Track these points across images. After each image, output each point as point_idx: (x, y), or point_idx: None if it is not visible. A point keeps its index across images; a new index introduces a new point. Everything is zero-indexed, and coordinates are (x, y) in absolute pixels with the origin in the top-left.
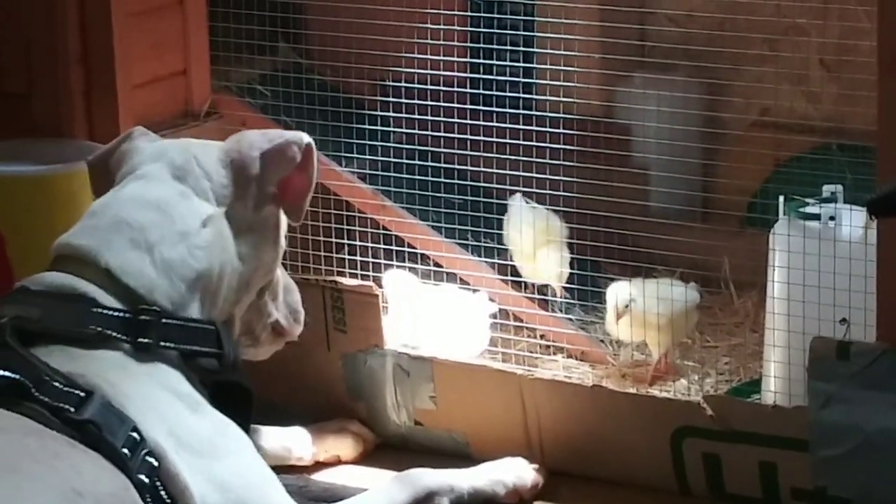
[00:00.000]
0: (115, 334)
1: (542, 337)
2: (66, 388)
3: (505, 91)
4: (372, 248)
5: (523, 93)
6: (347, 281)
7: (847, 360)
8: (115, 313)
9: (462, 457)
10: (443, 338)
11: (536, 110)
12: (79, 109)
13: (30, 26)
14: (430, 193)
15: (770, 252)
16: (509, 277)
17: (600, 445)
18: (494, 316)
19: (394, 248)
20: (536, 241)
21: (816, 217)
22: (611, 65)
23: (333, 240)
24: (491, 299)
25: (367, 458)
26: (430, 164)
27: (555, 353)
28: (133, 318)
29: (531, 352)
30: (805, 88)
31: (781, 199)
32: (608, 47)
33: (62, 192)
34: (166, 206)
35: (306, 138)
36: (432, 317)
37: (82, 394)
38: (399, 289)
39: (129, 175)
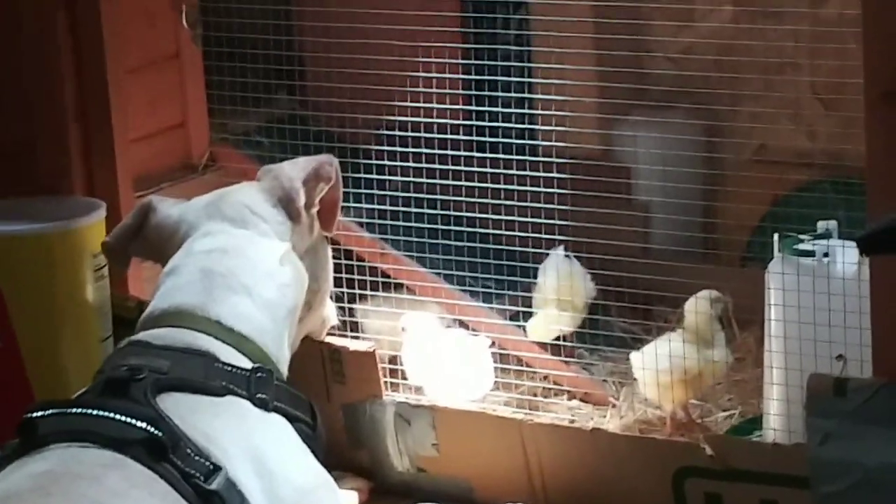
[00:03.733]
0: (238, 389)
1: (545, 379)
2: (196, 457)
3: (506, 135)
4: (372, 294)
5: (525, 137)
6: (343, 342)
7: (844, 396)
8: (236, 370)
9: (466, 502)
10: (448, 381)
11: (539, 154)
12: (77, 166)
13: (28, 85)
14: (429, 240)
15: (766, 290)
16: (510, 322)
17: (602, 488)
18: (497, 359)
19: (393, 295)
20: (559, 294)
21: (811, 254)
22: (610, 106)
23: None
24: (493, 343)
25: None
26: (430, 211)
27: (557, 396)
28: (251, 375)
29: (534, 395)
30: (802, 126)
31: (776, 236)
32: (606, 89)
33: (62, 248)
34: (245, 252)
35: (334, 158)
36: (438, 358)
37: (211, 466)
38: (419, 331)
39: (188, 239)
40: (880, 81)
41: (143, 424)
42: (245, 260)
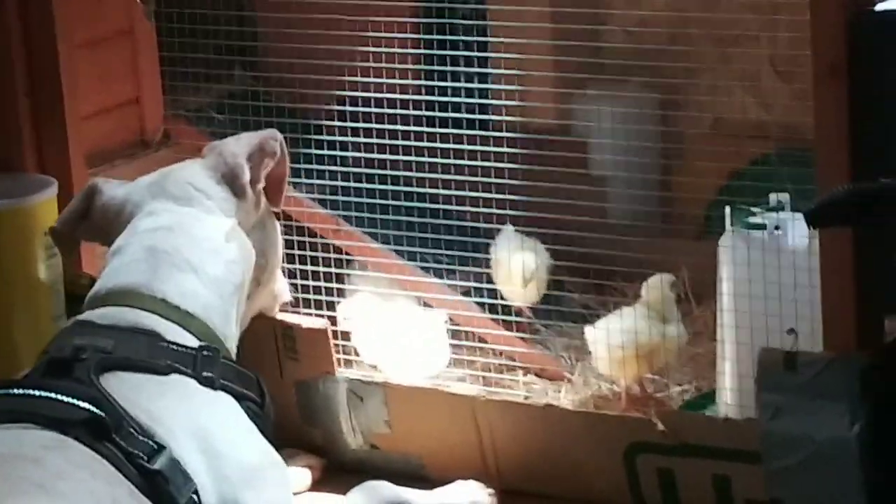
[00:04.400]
0: (182, 367)
1: (500, 355)
2: (140, 437)
3: (461, 110)
4: (325, 272)
5: (479, 111)
6: (296, 319)
7: (794, 370)
8: (181, 348)
9: (418, 479)
10: (403, 356)
11: (493, 128)
12: (28, 143)
13: None
14: (392, 217)
15: (718, 264)
16: (472, 299)
17: (555, 464)
18: (454, 334)
19: (346, 271)
20: (514, 271)
21: (763, 227)
22: (565, 80)
23: (286, 265)
24: (449, 319)
25: (325, 482)
26: (385, 186)
27: (512, 372)
28: (197, 353)
29: (489, 371)
30: (758, 98)
31: (728, 209)
32: (562, 62)
33: (13, 227)
34: (190, 229)
35: (278, 133)
36: (392, 335)
37: (154, 445)
38: (356, 317)
39: (134, 218)
40: (828, 54)
41: (86, 405)
42: (190, 237)
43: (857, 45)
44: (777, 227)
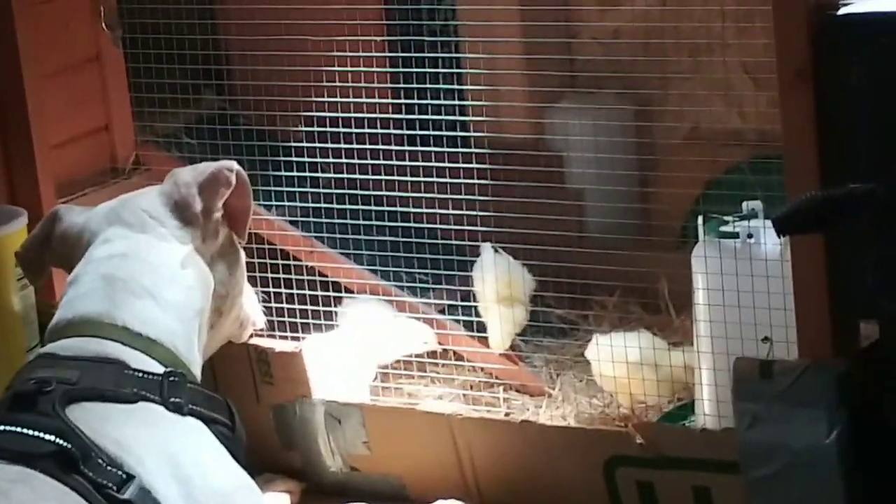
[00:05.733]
0: (149, 394)
1: (481, 371)
2: (109, 467)
3: (436, 126)
4: (299, 295)
5: (453, 127)
6: (269, 343)
7: (770, 378)
8: (147, 375)
9: (400, 499)
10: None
11: (464, 144)
12: None
13: None
14: (367, 237)
15: (693, 275)
16: (449, 317)
17: (535, 480)
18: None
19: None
20: (500, 294)
21: (736, 236)
22: (539, 93)
23: (259, 288)
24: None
25: None
26: (362, 207)
27: (494, 388)
28: (163, 379)
29: (470, 387)
30: (734, 106)
31: (700, 219)
32: (535, 75)
33: None
34: (145, 256)
35: (235, 164)
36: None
37: (123, 475)
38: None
39: (90, 247)
40: (793, 59)
41: (52, 437)
42: (145, 264)
43: (822, 49)
44: (750, 236)
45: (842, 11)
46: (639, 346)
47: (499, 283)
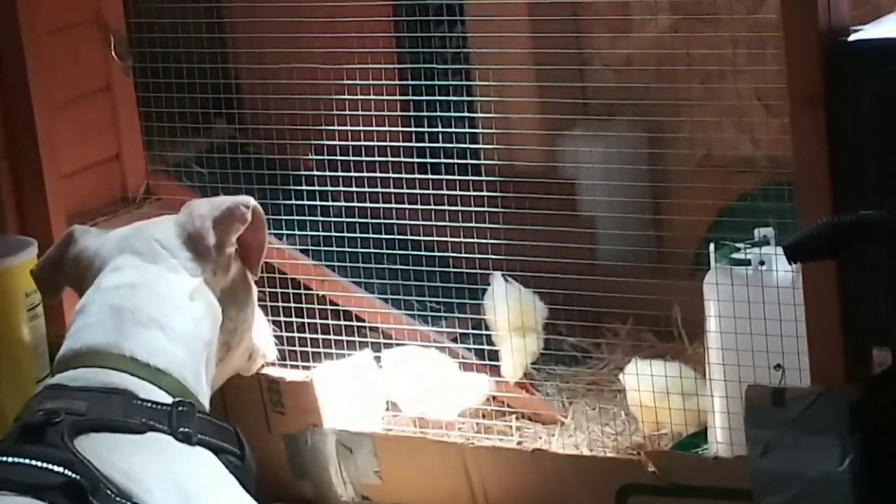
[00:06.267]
0: (159, 425)
1: (493, 400)
2: (118, 498)
3: (448, 154)
4: (310, 323)
5: (465, 155)
6: (280, 373)
7: (783, 406)
8: (156, 406)
9: None
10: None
11: (475, 172)
12: (8, 204)
13: None
14: (379, 265)
15: (705, 302)
16: (461, 345)
17: None
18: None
19: (333, 322)
20: (512, 324)
21: (748, 263)
22: (552, 121)
23: (270, 317)
24: None
25: None
26: (374, 235)
27: (506, 417)
28: (172, 409)
29: (483, 416)
30: (746, 133)
31: (712, 246)
32: (547, 103)
33: None
34: (154, 287)
35: (252, 200)
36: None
37: None
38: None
39: (100, 273)
40: (805, 85)
41: (61, 469)
42: (154, 294)
43: (833, 75)
44: (762, 263)
45: (853, 38)
46: (665, 375)
47: (511, 313)
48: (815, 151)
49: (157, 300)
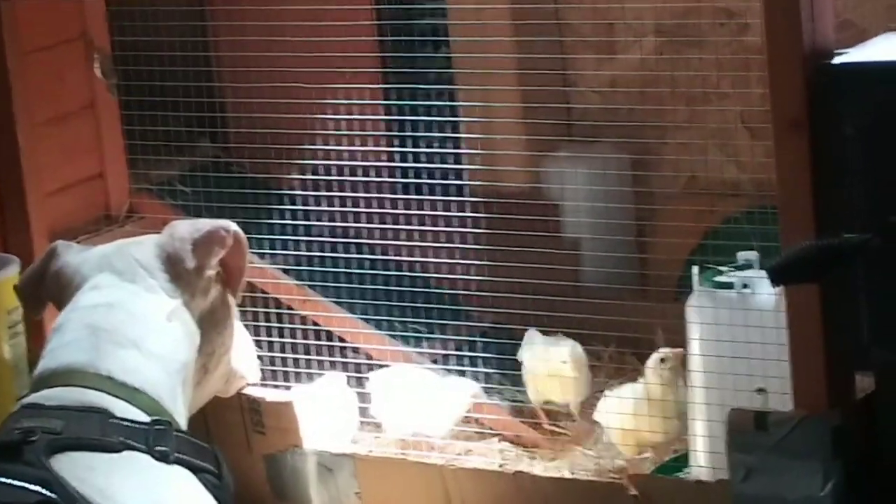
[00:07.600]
0: (136, 444)
1: (476, 422)
2: None
3: (432, 176)
4: (293, 343)
5: (451, 176)
6: (261, 393)
7: (765, 430)
8: (133, 424)
9: None
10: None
11: (465, 193)
12: None
13: None
14: (362, 286)
15: (688, 325)
16: (441, 366)
17: None
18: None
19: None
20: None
21: (731, 286)
22: (536, 142)
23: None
24: None
25: None
26: (357, 256)
27: (488, 439)
28: (149, 427)
29: (466, 438)
30: (731, 156)
31: (695, 269)
32: (532, 125)
33: None
34: (130, 307)
35: (233, 224)
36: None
37: None
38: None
39: (78, 291)
40: (788, 108)
41: (37, 487)
42: (130, 315)
43: (817, 98)
44: (745, 286)
45: (836, 61)
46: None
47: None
48: (798, 175)
49: (133, 320)
